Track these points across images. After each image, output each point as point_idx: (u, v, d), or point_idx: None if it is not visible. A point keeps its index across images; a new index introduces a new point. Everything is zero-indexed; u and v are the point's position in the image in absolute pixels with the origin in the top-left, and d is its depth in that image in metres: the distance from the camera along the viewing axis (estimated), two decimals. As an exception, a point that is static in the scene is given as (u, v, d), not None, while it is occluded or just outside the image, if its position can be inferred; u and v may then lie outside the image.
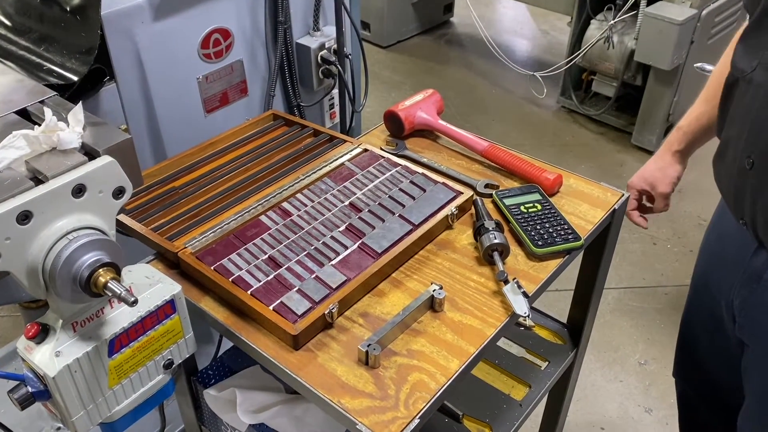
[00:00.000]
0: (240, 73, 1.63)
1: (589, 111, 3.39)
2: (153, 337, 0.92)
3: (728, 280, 1.15)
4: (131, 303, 0.79)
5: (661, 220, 2.80)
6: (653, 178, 1.32)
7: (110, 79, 1.36)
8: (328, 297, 0.95)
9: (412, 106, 1.35)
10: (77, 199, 0.80)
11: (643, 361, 2.22)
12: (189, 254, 1.02)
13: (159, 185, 1.19)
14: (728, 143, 1.05)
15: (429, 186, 1.16)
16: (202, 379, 1.16)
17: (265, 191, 1.16)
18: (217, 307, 0.99)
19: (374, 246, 1.04)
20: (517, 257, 1.07)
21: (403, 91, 3.74)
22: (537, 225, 1.10)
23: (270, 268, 1.00)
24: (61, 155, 0.82)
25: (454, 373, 0.88)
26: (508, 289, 0.97)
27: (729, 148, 1.04)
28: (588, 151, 3.27)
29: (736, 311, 1.14)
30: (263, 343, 0.93)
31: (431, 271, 1.04)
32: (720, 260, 1.20)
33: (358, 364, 0.89)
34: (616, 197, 1.20)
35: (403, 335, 0.94)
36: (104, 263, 0.80)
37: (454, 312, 0.97)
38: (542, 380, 1.34)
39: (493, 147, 1.26)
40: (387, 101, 3.64)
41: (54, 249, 0.78)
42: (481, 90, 3.78)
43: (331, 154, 1.25)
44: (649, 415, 2.05)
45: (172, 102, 1.50)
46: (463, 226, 1.13)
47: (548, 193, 1.19)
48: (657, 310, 2.40)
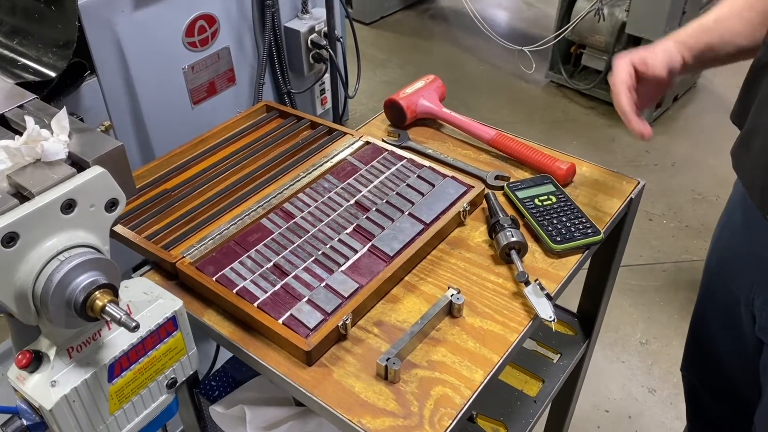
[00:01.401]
0: (227, 61, 1.56)
1: (578, 85, 3.33)
2: (155, 357, 0.86)
3: (747, 277, 1.10)
4: (132, 328, 0.72)
5: (655, 194, 2.77)
6: (646, 53, 1.02)
7: (91, 73, 1.28)
8: (341, 307, 0.89)
9: (414, 93, 1.28)
10: (67, 215, 0.73)
11: (644, 341, 2.20)
12: (188, 265, 0.95)
13: (150, 188, 1.12)
14: (756, 131, 0.99)
15: (438, 180, 1.10)
16: (205, 392, 1.10)
17: (265, 191, 1.09)
18: (222, 321, 0.92)
19: (385, 248, 0.98)
20: (534, 254, 1.02)
21: (389, 69, 3.66)
22: (554, 219, 1.04)
23: (276, 277, 0.93)
24: (46, 168, 0.75)
25: (480, 385, 0.83)
26: (529, 290, 0.92)
27: (757, 137, 0.98)
28: (578, 126, 3.22)
29: (756, 311, 1.09)
30: (274, 359, 0.87)
31: (446, 273, 0.99)
32: (736, 257, 1.15)
33: (376, 378, 0.84)
34: (631, 185, 1.15)
35: (422, 345, 0.88)
36: (100, 285, 0.73)
37: (474, 317, 0.92)
38: (555, 374, 1.30)
39: (501, 136, 1.20)
40: (373, 80, 3.55)
41: (44, 272, 0.72)
42: (468, 66, 3.70)
43: (331, 148, 1.19)
44: (653, 396, 2.04)
45: (157, 94, 1.42)
46: (475, 222, 1.08)
47: (561, 183, 1.13)
48: (655, 288, 2.37)
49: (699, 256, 2.50)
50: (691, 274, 2.42)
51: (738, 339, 1.19)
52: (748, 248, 1.11)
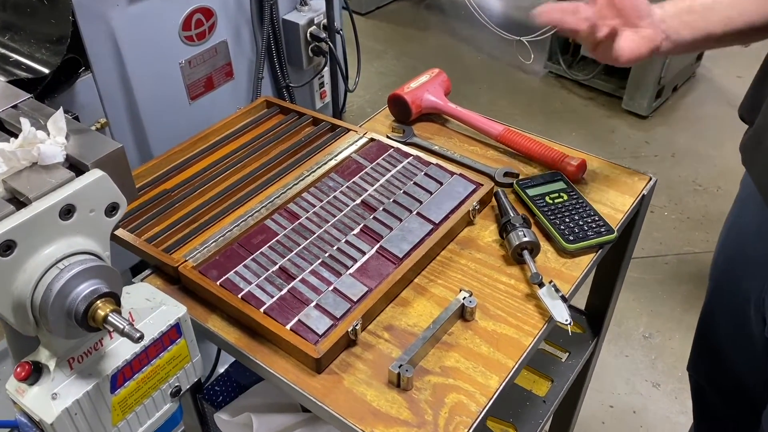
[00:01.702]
0: (225, 55, 1.52)
1: (577, 76, 3.30)
2: (158, 365, 0.83)
3: (757, 279, 1.08)
4: (137, 339, 0.69)
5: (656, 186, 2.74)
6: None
7: (85, 69, 1.24)
8: (350, 311, 0.87)
9: (419, 88, 1.25)
10: (66, 221, 0.70)
11: (648, 335, 2.19)
12: (191, 269, 0.92)
13: (149, 188, 1.09)
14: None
15: (445, 178, 1.07)
16: (209, 397, 1.07)
17: (268, 191, 1.06)
18: (227, 327, 0.89)
19: (394, 250, 0.95)
20: (546, 254, 0.99)
21: (386, 60, 3.62)
22: (566, 218, 1.02)
23: (282, 281, 0.90)
24: (43, 172, 0.72)
25: (495, 392, 0.81)
26: (544, 292, 0.89)
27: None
28: (577, 117, 3.19)
29: (767, 311, 1.07)
30: (282, 367, 0.84)
31: (456, 274, 0.96)
32: (746, 257, 1.13)
33: (388, 386, 0.81)
34: (643, 181, 1.12)
35: (435, 350, 0.86)
36: (102, 294, 0.70)
37: (487, 320, 0.89)
38: (564, 373, 1.28)
39: (509, 131, 1.17)
40: (369, 71, 3.51)
41: (43, 281, 0.69)
42: (465, 57, 3.66)
43: (334, 145, 1.15)
44: (657, 390, 2.02)
45: (153, 90, 1.38)
46: (484, 221, 1.05)
47: (572, 180, 1.10)
48: (658, 281, 2.36)
49: (701, 248, 2.48)
50: (694, 266, 2.41)
51: (747, 339, 1.17)
52: (758, 248, 1.09)
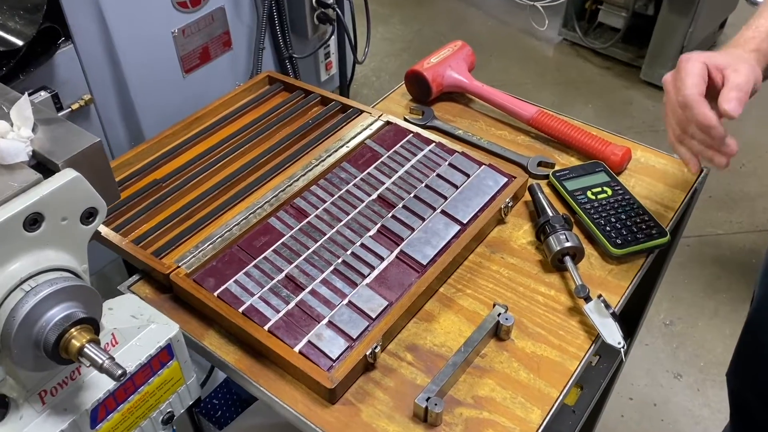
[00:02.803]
0: (222, 23, 1.37)
1: (593, 44, 3.14)
2: (147, 392, 0.72)
3: None
4: (118, 377, 0.58)
5: (676, 162, 2.61)
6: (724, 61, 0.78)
7: (66, 39, 1.10)
8: (368, 330, 0.75)
9: (440, 63, 1.11)
10: (31, 233, 0.58)
11: (669, 322, 2.08)
12: (184, 276, 0.80)
13: (137, 178, 0.96)
14: None
15: (473, 169, 0.95)
16: (206, 411, 0.96)
17: (271, 183, 0.93)
18: (226, 345, 0.78)
19: (417, 256, 0.83)
20: (589, 259, 0.88)
21: (391, 25, 3.44)
22: (611, 217, 0.90)
23: (289, 293, 0.79)
24: (4, 173, 0.59)
25: (538, 428, 0.70)
26: (591, 308, 0.78)
27: None
28: (594, 88, 3.04)
29: None
30: (289, 395, 0.73)
31: (487, 283, 0.84)
32: None
33: (413, 420, 0.70)
34: (695, 174, 1.00)
35: (466, 375, 0.74)
36: (77, 320, 0.59)
37: (524, 339, 0.78)
38: (595, 379, 1.17)
39: (542, 114, 1.04)
40: (375, 37, 3.34)
41: (5, 306, 0.57)
42: (475, 22, 3.49)
43: (346, 129, 1.02)
44: (679, 381, 1.92)
45: (143, 62, 1.24)
46: (517, 219, 0.93)
47: (615, 171, 0.98)
48: (680, 264, 2.24)
49: (724, 229, 2.36)
50: (716, 248, 2.29)
51: None
52: None
